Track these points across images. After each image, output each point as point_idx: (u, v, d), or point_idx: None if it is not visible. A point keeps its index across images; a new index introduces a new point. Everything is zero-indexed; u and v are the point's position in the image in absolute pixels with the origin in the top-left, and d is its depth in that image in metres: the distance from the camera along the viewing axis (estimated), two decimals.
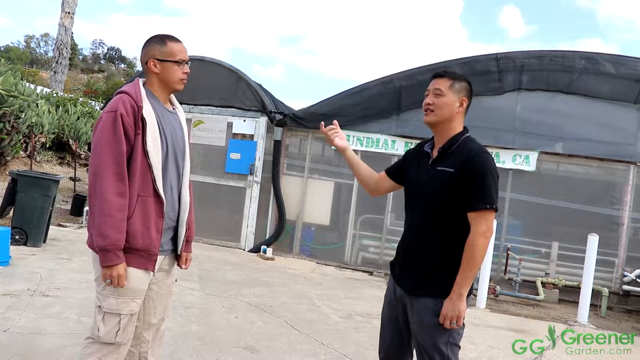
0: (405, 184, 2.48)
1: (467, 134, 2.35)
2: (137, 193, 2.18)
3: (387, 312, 2.47)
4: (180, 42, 2.36)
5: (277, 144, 8.05)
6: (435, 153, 2.34)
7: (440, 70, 2.40)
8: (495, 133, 7.26)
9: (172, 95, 2.44)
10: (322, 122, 2.64)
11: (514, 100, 7.32)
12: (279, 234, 7.96)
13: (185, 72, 2.35)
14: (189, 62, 2.37)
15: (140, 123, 2.17)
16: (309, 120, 7.91)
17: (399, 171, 2.56)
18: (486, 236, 2.16)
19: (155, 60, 2.29)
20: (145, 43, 2.35)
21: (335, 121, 2.63)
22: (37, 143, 11.44)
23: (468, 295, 2.22)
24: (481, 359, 4.21)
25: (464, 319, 2.22)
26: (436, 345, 2.19)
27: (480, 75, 7.34)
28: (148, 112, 2.20)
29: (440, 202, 2.23)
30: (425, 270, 2.25)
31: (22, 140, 10.83)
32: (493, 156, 2.32)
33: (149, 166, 2.20)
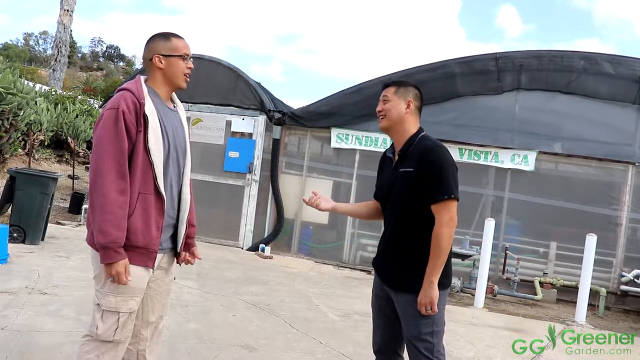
0: (380, 190, 2.61)
1: (422, 133, 2.47)
2: (138, 190, 2.18)
3: (376, 306, 2.60)
4: (183, 38, 2.39)
5: (276, 143, 8.05)
6: (396, 157, 2.49)
7: (387, 81, 2.57)
8: (494, 133, 7.26)
9: (174, 94, 2.45)
10: (304, 198, 2.77)
11: (513, 100, 7.32)
12: (277, 233, 7.97)
13: (190, 67, 2.37)
14: (191, 59, 2.39)
15: (142, 120, 2.17)
16: (308, 119, 7.92)
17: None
18: (449, 225, 2.27)
19: (160, 56, 2.31)
20: (148, 40, 2.37)
21: (313, 191, 2.75)
22: (36, 141, 11.42)
23: (445, 288, 2.36)
24: (479, 359, 4.21)
25: (444, 310, 2.37)
26: (421, 337, 2.32)
27: (479, 75, 7.35)
28: (150, 109, 2.20)
29: (407, 202, 2.36)
30: (401, 267, 2.39)
31: (20, 138, 10.82)
32: (492, 156, 2.40)
33: (150, 164, 2.20)
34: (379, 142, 7.67)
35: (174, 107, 2.44)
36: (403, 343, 2.52)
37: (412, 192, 2.33)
